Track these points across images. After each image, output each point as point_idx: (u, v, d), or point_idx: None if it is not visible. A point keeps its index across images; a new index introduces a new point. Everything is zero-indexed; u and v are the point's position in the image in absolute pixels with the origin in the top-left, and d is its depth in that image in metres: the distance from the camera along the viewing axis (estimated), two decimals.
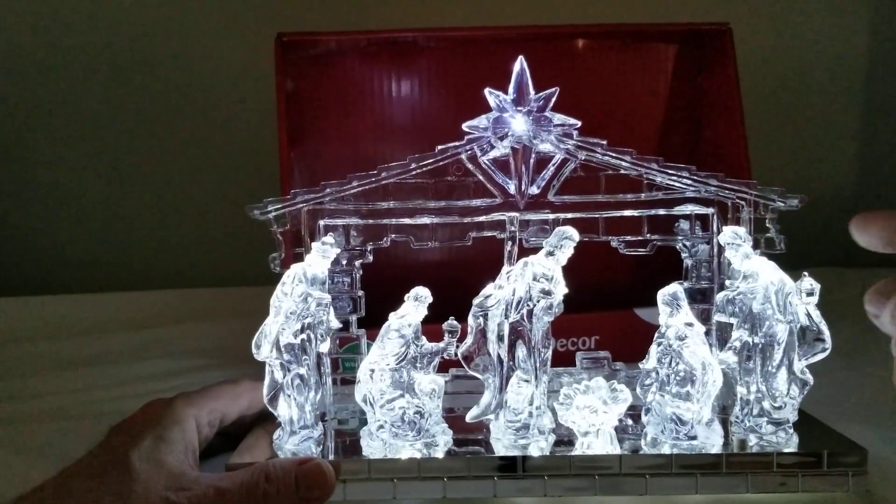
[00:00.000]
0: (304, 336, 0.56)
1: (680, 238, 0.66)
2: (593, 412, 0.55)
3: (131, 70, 1.19)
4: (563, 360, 0.67)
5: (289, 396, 0.57)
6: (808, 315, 0.55)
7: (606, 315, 0.78)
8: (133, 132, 1.21)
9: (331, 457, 0.57)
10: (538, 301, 0.56)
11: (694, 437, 0.55)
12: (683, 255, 0.66)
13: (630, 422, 0.59)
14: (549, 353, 0.58)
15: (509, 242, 0.58)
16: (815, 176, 1.26)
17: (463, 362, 0.57)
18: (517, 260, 0.58)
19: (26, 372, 0.85)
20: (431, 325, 0.59)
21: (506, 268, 0.57)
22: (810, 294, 0.54)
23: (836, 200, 1.25)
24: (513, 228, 0.59)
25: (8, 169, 1.22)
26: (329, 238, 0.59)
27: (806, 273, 0.55)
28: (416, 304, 0.57)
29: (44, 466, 0.61)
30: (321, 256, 0.57)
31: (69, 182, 1.22)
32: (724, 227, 0.59)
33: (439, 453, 0.56)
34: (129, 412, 0.70)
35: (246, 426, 0.62)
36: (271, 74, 0.79)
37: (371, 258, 0.65)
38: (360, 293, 0.65)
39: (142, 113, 1.20)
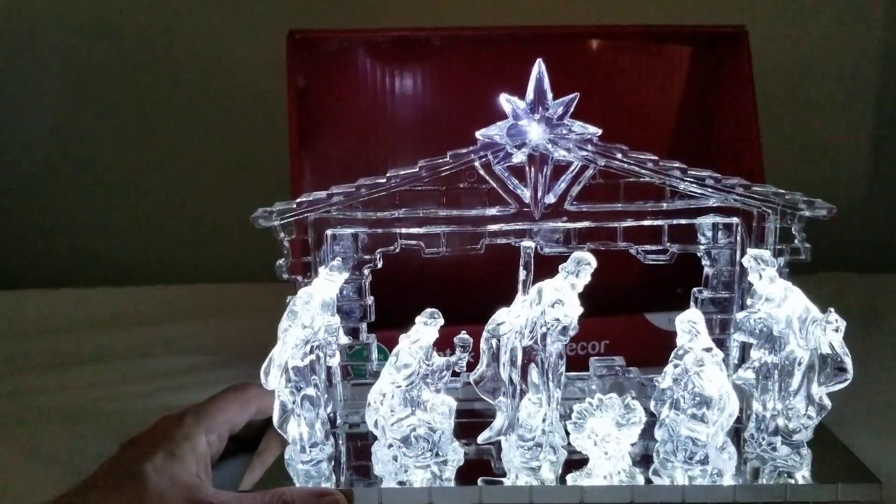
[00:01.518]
0: (312, 357, 0.56)
1: (702, 246, 0.63)
2: (605, 440, 0.55)
3: (143, 68, 1.16)
4: (573, 364, 0.66)
5: (298, 416, 0.56)
6: (832, 346, 0.53)
7: (617, 319, 0.77)
8: (143, 129, 1.19)
9: (343, 458, 0.60)
10: (552, 326, 0.54)
11: (705, 462, 0.55)
12: (704, 263, 0.64)
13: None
14: (563, 369, 0.57)
15: (523, 272, 0.56)
16: (826, 180, 1.23)
17: (474, 386, 0.56)
18: (532, 284, 0.56)
19: (30, 367, 0.85)
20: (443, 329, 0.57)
21: (520, 297, 0.55)
22: (836, 330, 0.52)
23: (846, 205, 1.22)
24: (528, 252, 0.57)
25: (15, 162, 1.20)
26: (336, 263, 0.57)
27: (832, 309, 0.53)
28: (427, 325, 0.56)
29: (50, 465, 0.62)
30: (328, 281, 0.56)
31: (78, 177, 1.20)
32: (747, 250, 0.57)
33: (450, 473, 0.56)
34: (135, 411, 0.71)
35: (256, 429, 0.62)
36: (283, 71, 0.76)
37: (380, 264, 0.63)
38: (370, 300, 0.64)
39: (153, 110, 1.18)
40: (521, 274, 0.56)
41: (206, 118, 1.18)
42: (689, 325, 0.55)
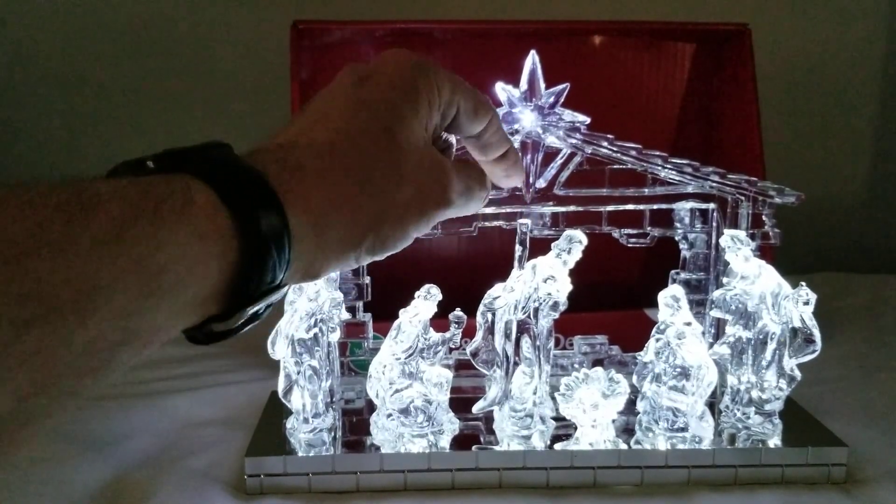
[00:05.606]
0: (316, 330, 0.58)
1: (679, 230, 0.67)
2: (594, 408, 0.58)
3: (146, 57, 1.16)
4: None
5: (301, 387, 0.58)
6: (802, 319, 0.57)
7: (616, 315, 0.79)
8: (145, 119, 1.19)
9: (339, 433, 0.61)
10: (544, 301, 0.58)
11: (685, 429, 0.59)
12: (682, 246, 0.68)
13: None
14: (552, 344, 0.61)
15: (520, 248, 0.59)
16: (827, 181, 1.26)
17: (471, 358, 0.59)
18: (527, 261, 0.59)
19: None
20: (439, 319, 0.60)
21: (516, 272, 0.59)
22: (806, 304, 0.56)
23: (847, 205, 1.27)
24: (524, 231, 0.60)
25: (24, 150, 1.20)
26: None
27: (803, 283, 0.57)
28: (426, 300, 0.59)
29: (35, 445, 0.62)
30: None
31: (77, 168, 1.20)
32: (724, 231, 0.61)
33: (446, 441, 0.59)
34: (126, 396, 0.71)
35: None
36: (286, 62, 0.77)
37: None
38: (367, 280, 0.67)
39: (155, 99, 1.18)
40: (517, 250, 0.59)
41: (208, 110, 1.18)
42: (672, 300, 0.59)
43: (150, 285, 0.30)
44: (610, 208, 0.65)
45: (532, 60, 0.59)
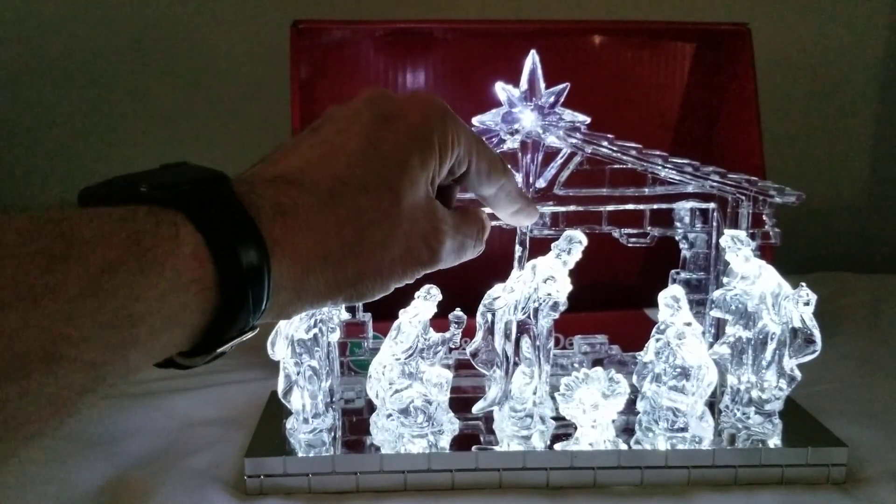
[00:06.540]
0: (315, 330, 0.58)
1: (679, 230, 0.67)
2: (594, 408, 0.58)
3: (146, 56, 1.15)
4: None
5: (301, 388, 0.58)
6: (802, 319, 0.57)
7: (616, 314, 0.79)
8: (145, 119, 1.18)
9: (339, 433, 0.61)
10: (544, 301, 0.58)
11: (685, 429, 0.59)
12: (682, 246, 0.68)
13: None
14: (552, 344, 0.61)
15: (519, 248, 0.59)
16: (827, 181, 1.26)
17: (471, 359, 0.59)
18: (527, 261, 0.59)
19: None
20: (439, 319, 0.60)
21: (516, 272, 0.59)
22: (806, 304, 0.56)
23: (847, 206, 1.27)
24: (524, 231, 0.60)
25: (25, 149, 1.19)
26: None
27: (803, 283, 0.57)
28: (426, 301, 0.59)
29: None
30: None
31: (74, 169, 1.19)
32: (725, 231, 0.61)
33: (445, 442, 0.59)
34: (126, 396, 0.71)
35: None
36: (286, 62, 0.77)
37: None
38: None
39: (155, 99, 1.17)
40: (517, 250, 0.59)
41: (208, 110, 1.18)
42: (672, 300, 0.59)
43: (123, 336, 0.29)
44: (610, 208, 0.65)
45: (532, 60, 0.59)
